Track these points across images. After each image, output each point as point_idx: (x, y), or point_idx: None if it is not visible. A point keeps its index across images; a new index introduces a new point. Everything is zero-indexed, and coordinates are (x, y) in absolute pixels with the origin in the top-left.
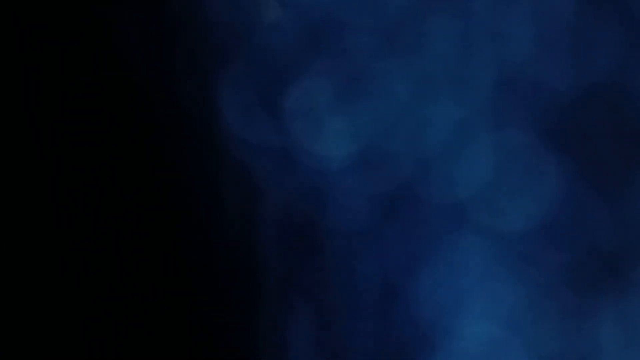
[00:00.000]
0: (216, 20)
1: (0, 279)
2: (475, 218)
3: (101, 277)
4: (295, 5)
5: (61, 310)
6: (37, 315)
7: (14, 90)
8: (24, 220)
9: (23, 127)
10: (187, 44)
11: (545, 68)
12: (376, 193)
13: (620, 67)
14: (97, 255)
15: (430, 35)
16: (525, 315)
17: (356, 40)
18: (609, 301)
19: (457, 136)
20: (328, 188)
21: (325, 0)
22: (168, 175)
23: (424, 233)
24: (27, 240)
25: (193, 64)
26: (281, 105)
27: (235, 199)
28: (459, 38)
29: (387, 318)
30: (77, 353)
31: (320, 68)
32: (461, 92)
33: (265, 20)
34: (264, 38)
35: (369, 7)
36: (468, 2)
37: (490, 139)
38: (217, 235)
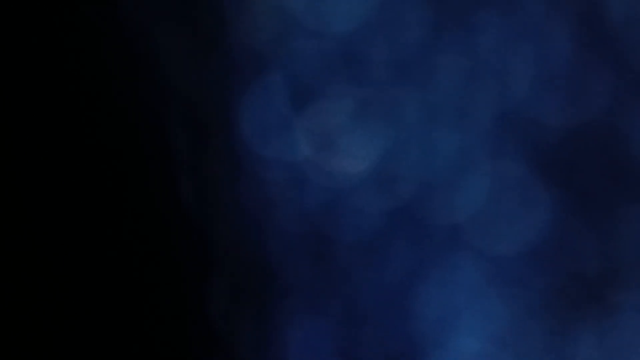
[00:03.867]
0: (242, 44)
1: None
2: (470, 240)
3: (107, 285)
4: (315, 35)
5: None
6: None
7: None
8: (20, 225)
9: (47, 139)
10: (214, 63)
11: (542, 105)
12: (381, 211)
13: (611, 109)
14: (102, 261)
15: (438, 69)
16: (513, 333)
17: (369, 69)
18: (590, 325)
19: (458, 164)
20: (337, 204)
21: (342, 32)
22: (184, 184)
23: (422, 251)
24: (20, 247)
25: (218, 82)
26: (297, 126)
27: (249, 209)
28: (464, 74)
29: (386, 328)
30: None
31: (335, 93)
32: (464, 123)
33: (287, 48)
34: (284, 63)
35: (383, 40)
36: (473, 42)
37: (488, 168)
38: (229, 244)
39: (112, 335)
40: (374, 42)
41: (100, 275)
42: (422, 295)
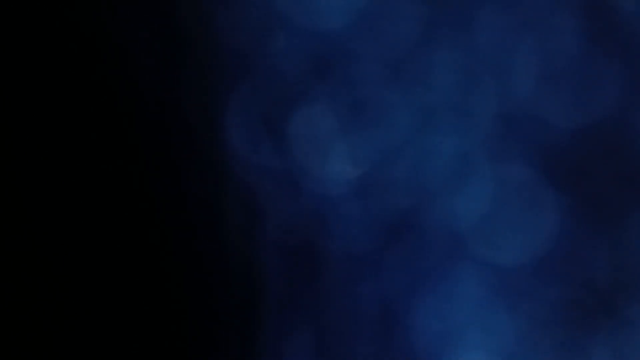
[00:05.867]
0: (225, 43)
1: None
2: (473, 249)
3: (96, 294)
4: (303, 33)
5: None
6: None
7: (19, 107)
8: (23, 233)
9: (27, 145)
10: (196, 65)
11: (547, 105)
12: (376, 219)
13: (621, 107)
14: (93, 271)
15: (434, 67)
16: (519, 348)
17: (361, 69)
18: (602, 337)
19: (458, 168)
20: (329, 212)
21: (332, 30)
22: (170, 192)
23: (422, 261)
24: (25, 252)
25: (201, 84)
26: (286, 129)
27: (237, 219)
28: (462, 72)
29: (384, 343)
30: None
31: (325, 95)
32: (463, 125)
33: (274, 46)
34: (271, 63)
35: (374, 38)
36: (473, 37)
37: (490, 172)
38: (218, 255)
39: (96, 340)
40: (367, 41)
41: (90, 281)
42: (423, 309)
